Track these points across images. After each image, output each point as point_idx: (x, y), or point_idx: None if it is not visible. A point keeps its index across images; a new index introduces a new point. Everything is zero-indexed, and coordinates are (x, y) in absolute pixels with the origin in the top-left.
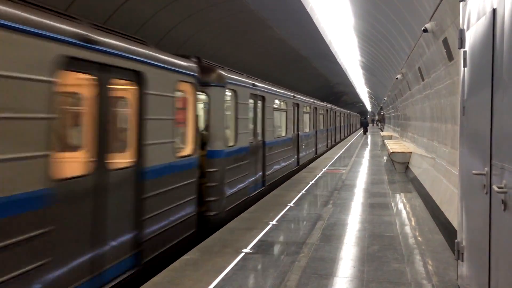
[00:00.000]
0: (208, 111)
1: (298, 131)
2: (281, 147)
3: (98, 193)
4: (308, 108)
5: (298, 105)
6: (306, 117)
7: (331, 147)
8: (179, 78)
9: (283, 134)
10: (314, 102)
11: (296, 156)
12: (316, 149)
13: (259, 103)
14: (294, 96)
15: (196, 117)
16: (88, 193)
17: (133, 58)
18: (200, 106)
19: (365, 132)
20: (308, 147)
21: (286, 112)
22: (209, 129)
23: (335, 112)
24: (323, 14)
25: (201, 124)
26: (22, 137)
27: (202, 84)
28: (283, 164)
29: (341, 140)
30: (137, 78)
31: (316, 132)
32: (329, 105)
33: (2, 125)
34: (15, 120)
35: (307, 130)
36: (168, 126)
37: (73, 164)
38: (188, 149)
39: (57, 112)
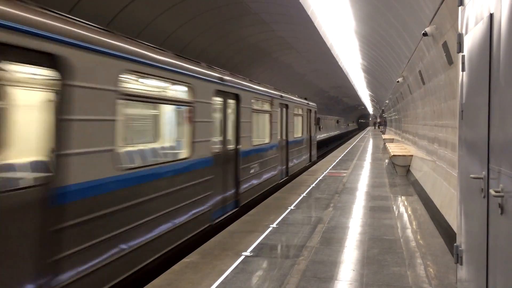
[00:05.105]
0: None
1: (238, 144)
2: (203, 175)
3: None
4: (268, 105)
5: (239, 98)
6: (264, 120)
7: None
8: None
9: (205, 153)
10: (282, 96)
11: (232, 191)
12: (287, 168)
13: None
14: (235, 84)
15: None
16: None
17: None
18: None
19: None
20: (270, 167)
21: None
22: None
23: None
24: (324, 17)
25: None
26: None
27: None
28: (204, 207)
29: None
30: None
31: (287, 142)
32: (312, 103)
33: None
34: None
35: (266, 140)
36: None
37: None
38: None
39: None
